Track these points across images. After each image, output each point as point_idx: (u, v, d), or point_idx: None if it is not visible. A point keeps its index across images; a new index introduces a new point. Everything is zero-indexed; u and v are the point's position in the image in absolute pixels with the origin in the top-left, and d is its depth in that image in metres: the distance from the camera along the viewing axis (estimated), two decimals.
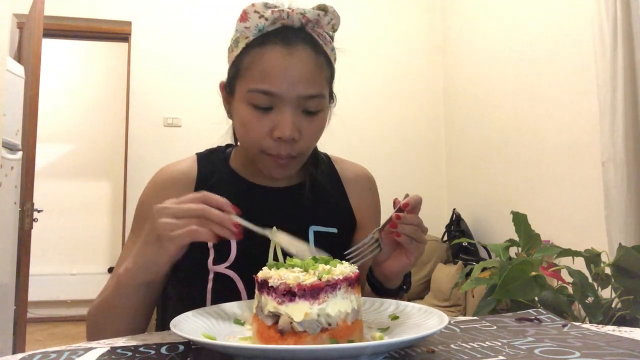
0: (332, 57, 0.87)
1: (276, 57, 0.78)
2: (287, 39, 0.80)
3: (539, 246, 1.86)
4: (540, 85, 2.96)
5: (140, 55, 3.83)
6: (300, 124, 0.80)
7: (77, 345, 0.60)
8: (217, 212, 0.66)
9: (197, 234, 0.65)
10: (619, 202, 2.17)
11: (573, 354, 0.51)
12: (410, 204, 0.72)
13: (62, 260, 5.12)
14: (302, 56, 0.80)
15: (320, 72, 0.82)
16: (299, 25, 0.82)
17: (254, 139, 0.82)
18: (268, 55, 0.79)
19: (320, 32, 0.84)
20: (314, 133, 0.84)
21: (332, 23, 0.84)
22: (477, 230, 3.63)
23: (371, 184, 1.02)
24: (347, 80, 4.20)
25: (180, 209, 0.66)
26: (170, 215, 0.66)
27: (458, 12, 4.01)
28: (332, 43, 0.87)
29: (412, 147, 4.14)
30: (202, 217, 0.65)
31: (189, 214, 0.66)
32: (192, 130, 3.66)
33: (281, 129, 0.79)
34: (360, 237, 0.97)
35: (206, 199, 0.67)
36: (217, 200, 0.67)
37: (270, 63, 0.78)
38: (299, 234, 0.89)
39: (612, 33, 2.23)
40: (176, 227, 0.65)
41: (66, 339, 4.22)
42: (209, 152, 0.98)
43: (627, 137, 2.19)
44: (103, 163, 5.34)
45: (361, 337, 0.58)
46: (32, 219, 3.03)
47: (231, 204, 0.68)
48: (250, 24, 0.80)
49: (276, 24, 0.81)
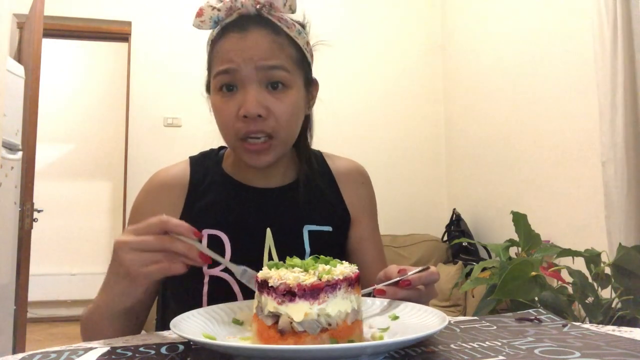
0: (301, 40, 0.87)
1: (233, 40, 0.82)
2: (243, 25, 0.82)
3: (539, 246, 1.86)
4: (540, 85, 2.96)
5: (140, 55, 3.83)
6: (266, 102, 0.81)
7: (77, 345, 0.60)
8: (181, 246, 0.64)
9: (169, 269, 0.64)
10: (619, 202, 2.18)
11: (573, 354, 0.51)
12: (413, 282, 0.69)
13: (62, 260, 5.12)
14: (257, 36, 0.82)
15: (280, 49, 0.83)
16: (254, 11, 0.84)
17: (226, 123, 0.83)
18: (226, 41, 0.83)
19: (279, 15, 0.85)
20: (284, 111, 0.82)
21: (289, 4, 0.84)
22: (477, 230, 3.63)
23: (364, 178, 1.01)
24: (347, 80, 4.22)
25: (143, 242, 0.64)
26: (135, 249, 0.64)
27: (458, 12, 4.01)
28: (299, 27, 0.87)
29: (412, 147, 4.14)
30: (166, 250, 0.64)
31: (151, 247, 0.64)
32: (192, 130, 3.65)
33: (245, 106, 0.80)
34: (355, 233, 0.97)
35: (166, 226, 0.64)
36: (176, 227, 0.64)
37: (228, 46, 0.82)
38: (294, 234, 0.89)
39: (612, 33, 2.23)
40: (145, 262, 0.64)
41: (66, 339, 4.22)
42: (201, 156, 0.98)
43: (627, 137, 2.19)
44: (103, 163, 5.34)
45: (361, 337, 0.58)
46: (32, 219, 3.03)
47: (192, 229, 0.65)
48: (205, 17, 0.84)
49: (233, 15, 0.84)
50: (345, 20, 4.09)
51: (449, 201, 4.06)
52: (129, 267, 0.64)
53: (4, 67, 2.62)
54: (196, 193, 0.91)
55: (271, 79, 0.81)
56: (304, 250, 0.89)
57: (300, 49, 0.87)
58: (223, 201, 0.90)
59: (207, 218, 0.88)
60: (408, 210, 3.99)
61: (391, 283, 0.70)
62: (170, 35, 3.85)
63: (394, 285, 0.70)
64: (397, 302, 0.69)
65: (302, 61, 0.87)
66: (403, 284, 0.69)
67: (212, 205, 0.90)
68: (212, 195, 0.91)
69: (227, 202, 0.90)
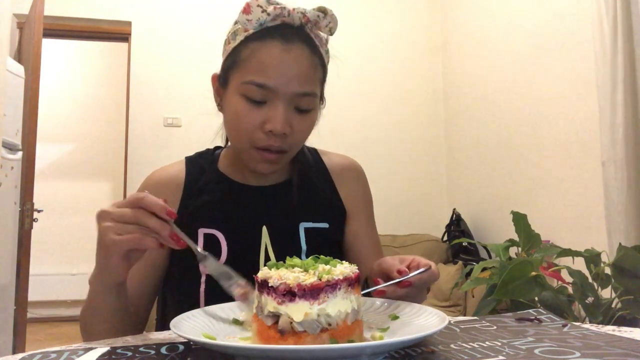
0: (326, 59, 0.89)
1: (274, 52, 0.80)
2: (287, 36, 0.81)
3: (539, 246, 1.86)
4: (540, 85, 2.96)
5: (140, 55, 3.83)
6: (291, 120, 0.82)
7: (77, 345, 0.60)
8: (153, 222, 0.64)
9: (140, 241, 0.64)
10: (619, 202, 2.17)
11: (573, 354, 0.51)
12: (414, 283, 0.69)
13: (62, 260, 5.12)
14: (299, 54, 0.81)
15: (314, 72, 0.84)
16: (299, 24, 0.83)
17: (245, 130, 0.82)
18: (266, 49, 0.81)
19: (317, 33, 0.86)
20: (304, 131, 0.85)
21: (330, 26, 0.85)
22: (477, 230, 3.63)
23: (359, 173, 1.02)
24: (348, 80, 4.21)
25: (119, 213, 0.65)
26: (110, 219, 0.65)
27: (458, 11, 4.01)
28: (327, 46, 0.89)
29: (412, 147, 4.14)
30: (140, 224, 0.64)
31: (128, 219, 0.64)
32: (192, 130, 3.66)
33: (273, 122, 0.80)
34: (351, 228, 0.97)
35: (142, 203, 0.65)
36: (152, 205, 0.64)
37: (269, 57, 0.80)
38: (290, 232, 0.89)
39: (612, 33, 2.23)
40: (117, 231, 0.64)
41: (66, 339, 4.22)
42: (197, 156, 0.99)
43: (627, 137, 2.19)
44: (103, 163, 5.34)
45: (361, 337, 0.58)
46: (32, 219, 3.03)
47: (167, 209, 0.65)
48: (253, 17, 0.81)
49: (277, 21, 0.82)
50: (344, 20, 4.07)
51: (449, 201, 4.06)
52: (103, 235, 0.65)
53: (4, 67, 2.61)
54: (192, 192, 0.92)
55: (300, 104, 0.83)
56: (301, 248, 0.89)
57: (325, 67, 0.89)
58: (218, 200, 0.90)
59: (202, 217, 0.88)
60: (408, 210, 3.99)
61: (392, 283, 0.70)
62: (170, 35, 3.85)
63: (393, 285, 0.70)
64: (397, 302, 0.69)
65: (324, 79, 0.89)
66: (403, 285, 0.69)
67: (208, 204, 0.90)
68: (208, 195, 0.91)
69: (223, 201, 0.90)
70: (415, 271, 0.70)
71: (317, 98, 0.86)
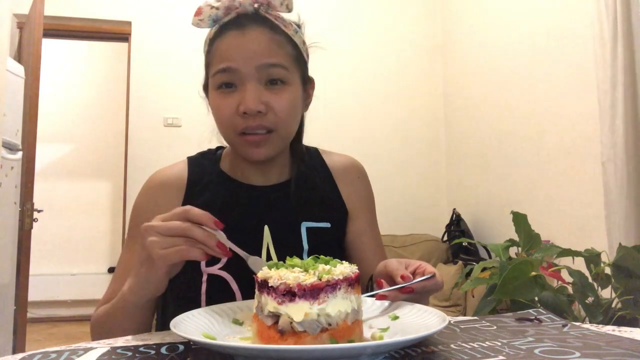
0: (298, 39, 0.89)
1: (232, 39, 0.84)
2: (241, 23, 0.84)
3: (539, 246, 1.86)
4: (540, 85, 2.96)
5: (140, 55, 3.83)
6: (266, 98, 0.83)
7: (77, 345, 0.60)
8: (200, 233, 0.65)
9: (187, 253, 0.65)
10: (619, 202, 2.17)
11: (573, 354, 0.51)
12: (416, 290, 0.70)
13: (62, 260, 5.12)
14: (256, 34, 0.83)
15: (278, 47, 0.85)
16: (252, 10, 0.85)
17: (225, 119, 0.84)
18: (224, 39, 0.84)
19: (276, 14, 0.87)
20: (284, 106, 0.84)
21: (285, 3, 0.86)
22: (477, 230, 3.63)
23: (360, 173, 1.02)
24: (347, 80, 4.21)
25: (165, 226, 0.66)
26: (157, 233, 0.66)
27: (458, 12, 4.01)
28: (295, 26, 0.90)
29: (412, 147, 4.14)
30: (187, 236, 0.65)
31: (174, 232, 0.65)
32: (192, 130, 3.65)
33: (245, 102, 0.81)
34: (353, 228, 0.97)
35: (188, 215, 0.66)
36: (199, 216, 0.66)
37: (226, 44, 0.84)
38: (291, 231, 0.89)
39: (612, 33, 2.23)
40: (164, 245, 0.65)
41: (66, 339, 4.22)
42: (199, 156, 0.99)
43: (627, 137, 2.19)
44: (103, 163, 5.34)
45: (361, 337, 0.58)
46: (32, 219, 3.03)
47: (214, 220, 0.67)
48: (204, 16, 0.86)
49: (230, 14, 0.86)
50: (344, 20, 4.09)
51: (449, 201, 4.06)
52: (150, 249, 0.65)
53: (4, 67, 2.62)
54: (194, 192, 0.92)
55: (270, 76, 0.83)
56: (302, 247, 0.89)
57: (297, 47, 0.88)
58: (220, 199, 0.91)
59: None
60: (408, 210, 3.99)
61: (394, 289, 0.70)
62: (170, 35, 3.85)
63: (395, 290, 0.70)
64: (397, 302, 0.69)
65: (299, 59, 0.89)
66: (406, 291, 0.69)
67: (210, 204, 0.90)
68: (210, 194, 0.91)
69: (225, 201, 0.90)
70: (419, 278, 0.70)
71: (289, 72, 0.85)
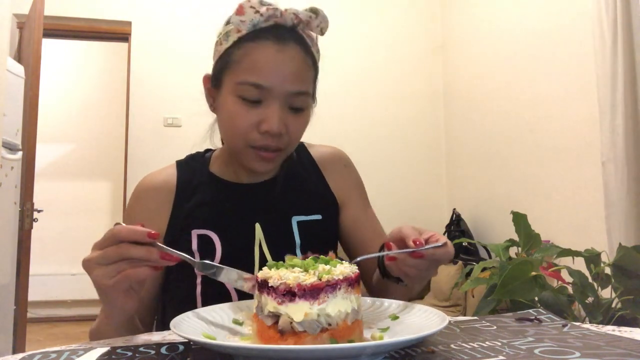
0: (317, 58, 0.89)
1: (268, 52, 0.81)
2: (280, 36, 0.82)
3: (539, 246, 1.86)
4: (540, 85, 2.96)
5: (140, 55, 3.83)
6: (287, 121, 0.83)
7: (77, 345, 0.60)
8: (137, 252, 0.63)
9: (134, 274, 0.63)
10: (619, 202, 2.17)
11: (573, 354, 0.51)
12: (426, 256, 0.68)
13: (62, 260, 5.12)
14: (293, 54, 0.82)
15: (308, 71, 0.85)
16: (291, 24, 0.84)
17: (241, 131, 0.83)
18: (260, 50, 0.81)
19: (309, 33, 0.87)
20: (299, 130, 0.86)
21: (321, 26, 0.85)
22: (477, 230, 3.63)
23: (346, 161, 1.03)
24: (347, 81, 4.21)
25: (102, 256, 0.64)
26: (98, 265, 0.64)
27: (458, 12, 4.01)
28: (317, 45, 0.90)
29: (412, 148, 4.14)
30: (126, 258, 0.63)
31: (113, 258, 0.63)
32: (192, 130, 3.62)
33: (269, 122, 0.81)
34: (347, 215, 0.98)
35: (120, 237, 0.64)
36: (130, 234, 0.63)
37: (263, 57, 0.81)
38: (283, 227, 0.90)
39: (612, 33, 2.23)
40: (109, 274, 0.63)
41: (66, 339, 4.22)
42: (189, 158, 0.99)
43: (627, 137, 2.19)
44: (103, 163, 5.34)
45: (361, 337, 0.58)
46: (32, 219, 3.03)
47: (147, 232, 0.64)
48: (246, 18, 0.82)
49: (269, 22, 0.83)
50: (344, 20, 4.09)
51: (449, 201, 4.06)
52: (98, 283, 0.64)
53: (4, 67, 2.62)
54: (184, 195, 0.92)
55: (295, 104, 0.83)
56: (294, 242, 0.89)
57: (317, 67, 0.89)
58: (210, 201, 0.91)
59: (195, 219, 0.89)
60: (408, 210, 3.99)
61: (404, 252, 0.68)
62: (170, 36, 3.85)
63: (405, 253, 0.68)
64: (397, 302, 0.69)
65: (316, 79, 0.89)
66: (416, 255, 0.68)
67: (200, 206, 0.90)
68: (200, 196, 0.91)
69: (215, 201, 0.91)
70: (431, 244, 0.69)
71: (310, 97, 0.86)
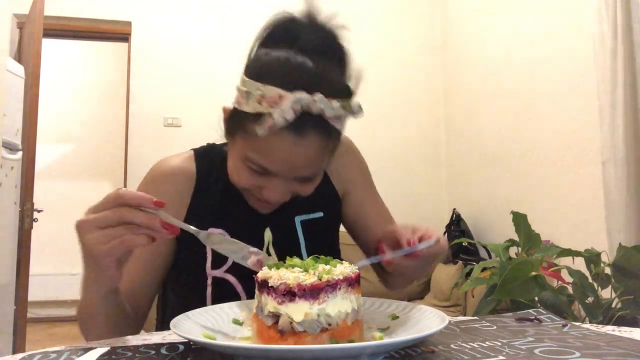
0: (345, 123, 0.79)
1: (285, 145, 0.72)
2: (301, 126, 0.71)
3: (539, 246, 1.87)
4: (540, 85, 2.96)
5: (140, 55, 3.83)
6: (293, 188, 0.80)
7: (77, 345, 0.60)
8: (141, 216, 0.59)
9: (132, 241, 0.59)
10: (619, 202, 2.17)
11: (573, 354, 0.51)
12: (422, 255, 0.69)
13: (62, 260, 5.11)
14: (311, 144, 0.73)
15: (324, 154, 0.77)
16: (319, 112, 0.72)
17: (242, 184, 0.80)
18: (278, 140, 0.72)
19: None
20: (308, 190, 0.82)
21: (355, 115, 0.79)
22: (477, 230, 3.63)
23: (346, 147, 0.97)
24: None
25: (101, 218, 0.60)
26: (94, 227, 0.60)
27: (458, 12, 4.01)
28: None
29: (412, 147, 4.14)
30: (126, 222, 0.59)
31: (112, 222, 0.59)
32: (192, 130, 3.65)
33: (271, 195, 0.78)
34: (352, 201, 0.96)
35: (123, 200, 0.59)
36: (135, 198, 0.59)
37: (278, 146, 0.72)
38: (287, 227, 0.89)
39: (612, 33, 2.23)
40: (105, 239, 0.59)
41: (66, 339, 4.22)
42: (207, 150, 0.96)
43: (627, 137, 2.19)
44: (103, 163, 5.33)
45: (361, 337, 0.58)
46: (32, 219, 3.03)
47: (152, 199, 0.60)
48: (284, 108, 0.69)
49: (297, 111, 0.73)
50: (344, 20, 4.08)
51: (449, 201, 4.06)
52: (90, 247, 0.60)
53: (4, 67, 2.62)
54: (203, 187, 0.90)
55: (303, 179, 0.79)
56: (299, 242, 0.89)
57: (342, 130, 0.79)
58: (225, 199, 0.90)
59: (210, 215, 0.88)
60: (408, 210, 3.98)
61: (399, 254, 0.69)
62: (170, 35, 3.85)
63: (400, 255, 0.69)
64: (397, 302, 0.69)
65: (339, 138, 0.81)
66: (411, 256, 0.69)
67: (215, 203, 0.89)
68: (216, 192, 0.90)
69: (229, 201, 0.90)
70: (424, 243, 0.69)
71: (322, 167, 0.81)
